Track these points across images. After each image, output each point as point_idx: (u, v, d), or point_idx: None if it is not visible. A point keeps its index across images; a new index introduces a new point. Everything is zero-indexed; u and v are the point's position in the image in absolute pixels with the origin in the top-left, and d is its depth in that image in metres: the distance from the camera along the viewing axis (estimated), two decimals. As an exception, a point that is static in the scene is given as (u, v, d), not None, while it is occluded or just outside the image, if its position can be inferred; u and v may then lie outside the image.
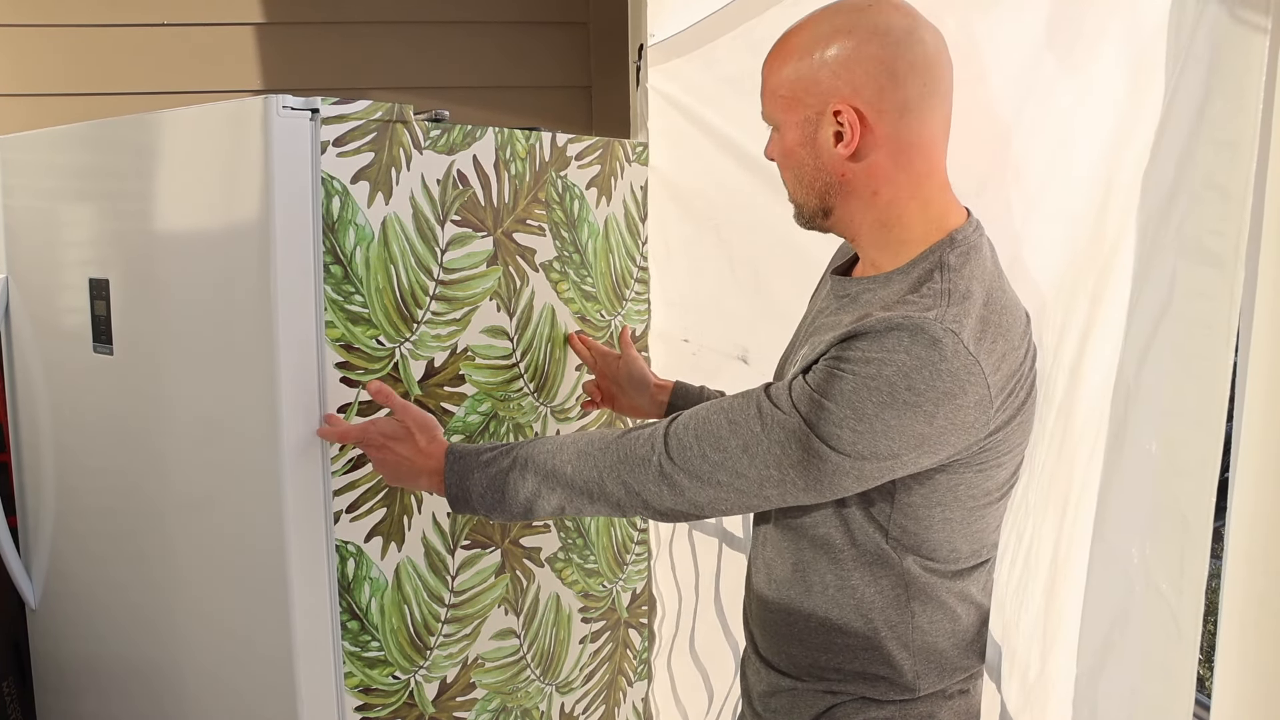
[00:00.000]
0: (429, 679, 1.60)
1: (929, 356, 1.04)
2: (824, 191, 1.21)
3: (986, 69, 1.29)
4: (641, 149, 1.95)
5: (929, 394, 1.05)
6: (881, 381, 1.05)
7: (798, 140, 1.19)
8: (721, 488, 1.15)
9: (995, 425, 1.10)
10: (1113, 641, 1.00)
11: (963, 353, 1.05)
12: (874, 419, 1.06)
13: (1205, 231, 0.86)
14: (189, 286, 1.49)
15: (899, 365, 1.05)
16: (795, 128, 1.19)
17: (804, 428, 1.09)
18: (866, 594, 1.20)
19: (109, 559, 1.77)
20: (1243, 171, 0.82)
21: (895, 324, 1.06)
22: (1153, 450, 0.93)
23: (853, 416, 1.06)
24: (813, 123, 1.18)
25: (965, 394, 1.06)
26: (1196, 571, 0.88)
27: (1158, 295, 0.92)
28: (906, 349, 1.05)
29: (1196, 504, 0.88)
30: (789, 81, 1.18)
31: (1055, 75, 1.21)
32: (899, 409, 1.05)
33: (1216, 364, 0.85)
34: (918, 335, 1.05)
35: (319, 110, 1.35)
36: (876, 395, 1.05)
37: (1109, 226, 1.10)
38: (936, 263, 1.15)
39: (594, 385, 1.79)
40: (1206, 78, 0.86)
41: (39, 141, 1.78)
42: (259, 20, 2.68)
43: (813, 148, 1.18)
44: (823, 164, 1.19)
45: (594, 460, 1.23)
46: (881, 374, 1.05)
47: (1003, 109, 1.29)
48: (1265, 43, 0.81)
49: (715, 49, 1.84)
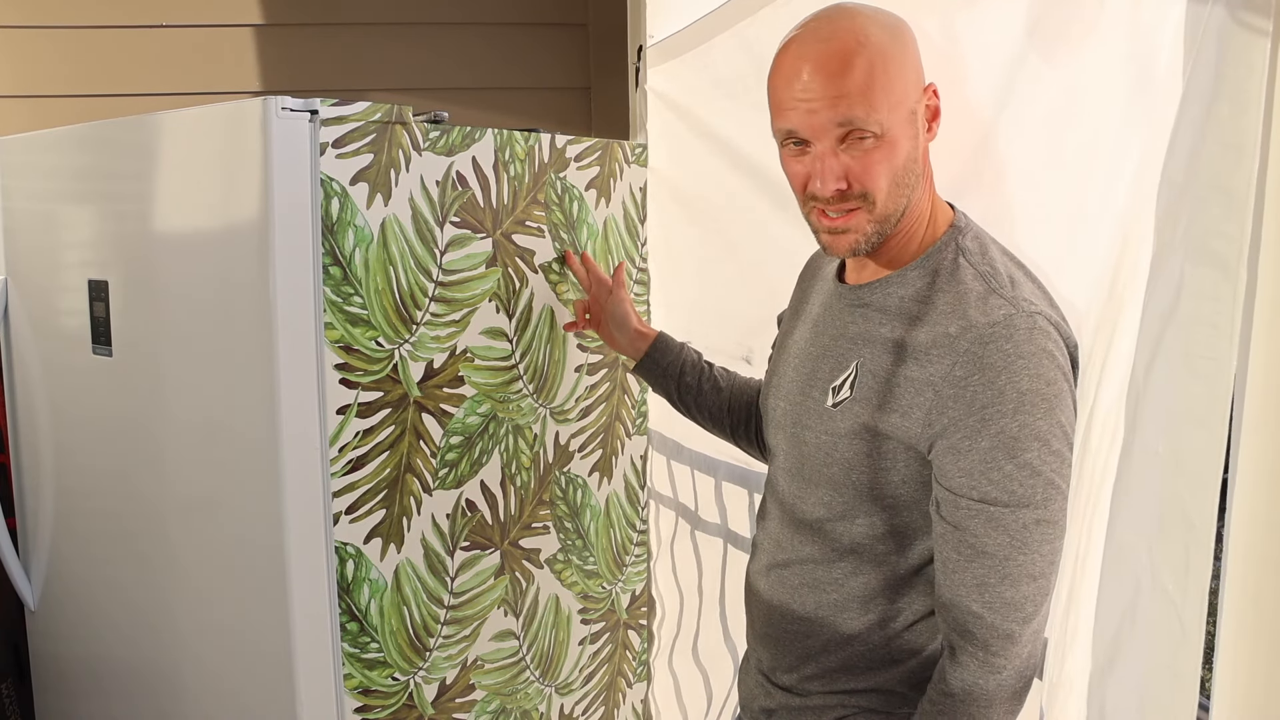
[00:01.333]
0: (428, 680, 1.60)
1: (1039, 346, 1.04)
2: (913, 188, 1.15)
3: (968, 68, 1.29)
4: (640, 150, 1.95)
5: (1056, 380, 1.05)
6: (1025, 398, 1.03)
7: (908, 135, 1.12)
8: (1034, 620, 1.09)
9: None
10: (1122, 640, 1.00)
11: (1051, 331, 1.06)
12: (1048, 435, 1.04)
13: (1211, 233, 0.86)
14: (188, 288, 1.49)
15: (1026, 372, 1.04)
16: (904, 125, 1.11)
17: (1025, 510, 1.05)
18: (884, 605, 1.19)
19: (108, 560, 1.76)
20: (1246, 173, 0.82)
21: (985, 338, 1.05)
22: (1160, 451, 0.93)
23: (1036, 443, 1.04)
24: (914, 114, 1.13)
25: (1063, 366, 1.06)
26: (1201, 572, 0.88)
27: (1166, 297, 0.93)
28: (1017, 354, 1.04)
29: (1200, 505, 0.88)
30: (896, 80, 1.10)
31: (1040, 73, 1.21)
32: (1054, 403, 1.04)
33: (1221, 365, 0.85)
34: (1016, 335, 1.04)
35: (318, 112, 1.35)
36: (1034, 411, 1.03)
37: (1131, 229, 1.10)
38: (955, 250, 1.14)
39: (584, 307, 1.76)
40: (1213, 80, 0.86)
41: (38, 143, 1.78)
42: (258, 21, 2.68)
43: (917, 141, 1.14)
44: (920, 154, 1.15)
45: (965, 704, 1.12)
46: (1020, 390, 1.03)
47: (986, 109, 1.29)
48: (1267, 45, 0.81)
49: (711, 49, 1.84)
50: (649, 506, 2.08)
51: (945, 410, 1.07)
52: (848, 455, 1.16)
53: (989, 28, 1.27)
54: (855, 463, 1.16)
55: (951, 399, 1.06)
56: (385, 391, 1.47)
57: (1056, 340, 1.06)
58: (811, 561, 1.24)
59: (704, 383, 1.60)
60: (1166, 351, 0.93)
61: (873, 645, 1.21)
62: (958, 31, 1.30)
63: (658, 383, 1.64)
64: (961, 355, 1.06)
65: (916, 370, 1.10)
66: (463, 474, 1.62)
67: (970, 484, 1.06)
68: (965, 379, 1.05)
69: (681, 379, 1.61)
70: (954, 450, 1.07)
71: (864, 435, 1.14)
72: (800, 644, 1.26)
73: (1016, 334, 1.04)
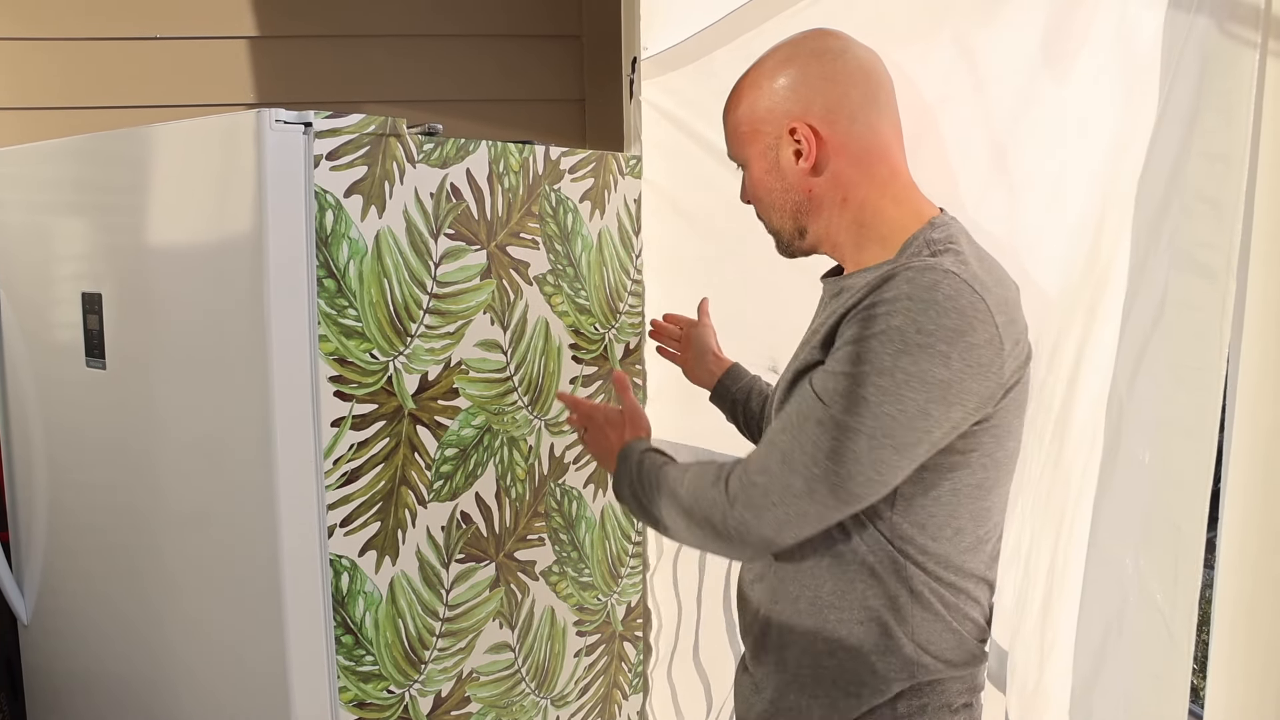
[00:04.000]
0: (424, 693, 1.59)
1: (933, 296, 1.05)
2: (796, 211, 1.27)
3: (983, 82, 1.30)
4: (635, 162, 1.95)
5: (939, 333, 1.04)
6: (893, 333, 1.05)
7: (764, 168, 1.27)
8: (777, 508, 1.13)
9: (1009, 376, 1.10)
10: (1107, 650, 1.00)
11: (966, 290, 1.06)
12: (893, 370, 1.05)
13: (1196, 244, 0.86)
14: (182, 300, 1.49)
15: (904, 311, 1.05)
16: (759, 158, 1.27)
17: (826, 407, 1.09)
18: (873, 604, 1.20)
19: (102, 574, 1.76)
20: (1234, 185, 0.83)
21: (891, 274, 1.08)
22: (1145, 460, 0.94)
23: (871, 373, 1.06)
24: (773, 148, 1.26)
25: (975, 331, 1.05)
26: (1190, 581, 0.88)
27: (1149, 307, 0.93)
28: (908, 295, 1.05)
29: (1190, 513, 0.88)
30: (746, 117, 1.27)
31: (1052, 89, 1.21)
32: (914, 353, 1.04)
33: (1209, 375, 0.86)
34: (915, 280, 1.06)
35: (312, 124, 1.35)
36: (889, 346, 1.05)
37: (1105, 238, 1.10)
38: (923, 242, 1.17)
39: (675, 344, 1.79)
40: (1196, 91, 0.86)
41: (31, 155, 1.77)
42: (252, 34, 2.68)
43: (778, 171, 1.26)
44: (790, 184, 1.26)
45: (695, 484, 1.22)
46: (890, 326, 1.05)
47: (999, 122, 1.30)
48: (1255, 57, 0.81)
49: (712, 61, 1.85)
50: (644, 517, 2.08)
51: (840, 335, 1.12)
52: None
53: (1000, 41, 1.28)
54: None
55: (846, 323, 1.12)
56: (380, 404, 1.47)
57: (966, 305, 1.06)
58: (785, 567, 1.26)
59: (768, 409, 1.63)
60: (1151, 362, 0.93)
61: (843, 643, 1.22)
62: (969, 43, 1.31)
63: (727, 409, 1.68)
64: (866, 292, 1.11)
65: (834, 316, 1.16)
66: (458, 486, 1.61)
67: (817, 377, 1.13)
68: (857, 306, 1.11)
69: (747, 405, 1.64)
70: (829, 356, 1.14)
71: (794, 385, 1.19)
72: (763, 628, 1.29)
73: (915, 278, 1.07)
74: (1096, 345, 1.08)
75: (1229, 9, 0.82)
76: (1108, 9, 1.11)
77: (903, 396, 1.05)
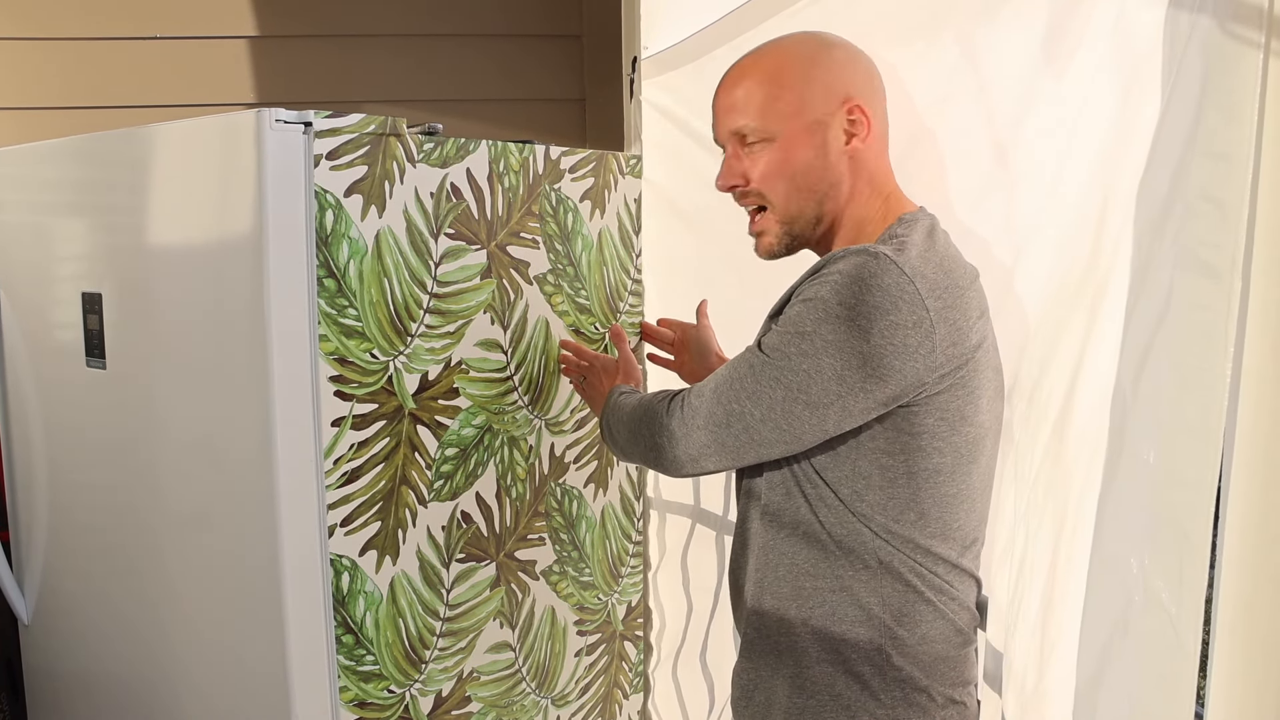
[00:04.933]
0: (424, 693, 1.59)
1: (860, 274, 1.11)
2: (824, 195, 1.26)
3: (985, 81, 1.30)
4: (635, 161, 1.95)
5: (860, 308, 1.10)
6: (818, 302, 1.13)
7: (805, 144, 1.24)
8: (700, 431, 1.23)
9: (944, 360, 1.13)
10: (1112, 651, 1.00)
11: (894, 271, 1.11)
12: (814, 335, 1.12)
13: (1201, 243, 0.86)
14: (182, 300, 1.49)
15: (834, 284, 1.12)
16: (801, 135, 1.24)
17: (759, 355, 1.18)
18: (845, 577, 1.21)
19: (102, 574, 1.76)
20: (1238, 184, 0.83)
21: (834, 257, 1.15)
22: (1150, 460, 0.93)
23: (796, 334, 1.14)
24: (822, 125, 1.24)
25: (899, 311, 1.10)
26: (1196, 581, 0.88)
27: (1154, 306, 0.93)
28: (840, 270, 1.13)
29: (1195, 514, 0.88)
30: (789, 92, 1.24)
31: (1052, 88, 1.21)
32: (834, 323, 1.11)
33: (1214, 374, 0.86)
34: (850, 258, 1.13)
35: (312, 124, 1.35)
36: (814, 313, 1.13)
37: (1106, 238, 1.10)
38: (884, 237, 1.22)
39: (668, 345, 1.82)
40: (1199, 91, 0.86)
41: (31, 155, 1.77)
42: (252, 34, 2.68)
43: (823, 150, 1.24)
44: (830, 163, 1.25)
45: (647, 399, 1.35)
46: (819, 295, 1.13)
47: (1001, 121, 1.29)
48: (1259, 57, 0.81)
49: (710, 61, 1.84)
50: (650, 517, 2.08)
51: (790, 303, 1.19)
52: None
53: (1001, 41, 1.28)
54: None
55: (795, 294, 1.19)
56: (380, 404, 1.47)
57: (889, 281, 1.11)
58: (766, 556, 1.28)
59: None
60: (1155, 361, 0.93)
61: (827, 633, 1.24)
62: (971, 44, 1.31)
63: None
64: (813, 270, 1.19)
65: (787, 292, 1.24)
66: (458, 486, 1.61)
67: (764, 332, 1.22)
68: (804, 280, 1.19)
69: None
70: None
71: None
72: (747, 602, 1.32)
73: (850, 257, 1.14)
74: (1099, 344, 1.08)
75: (1232, 9, 0.82)
76: (1106, 7, 1.11)
77: (819, 359, 1.13)
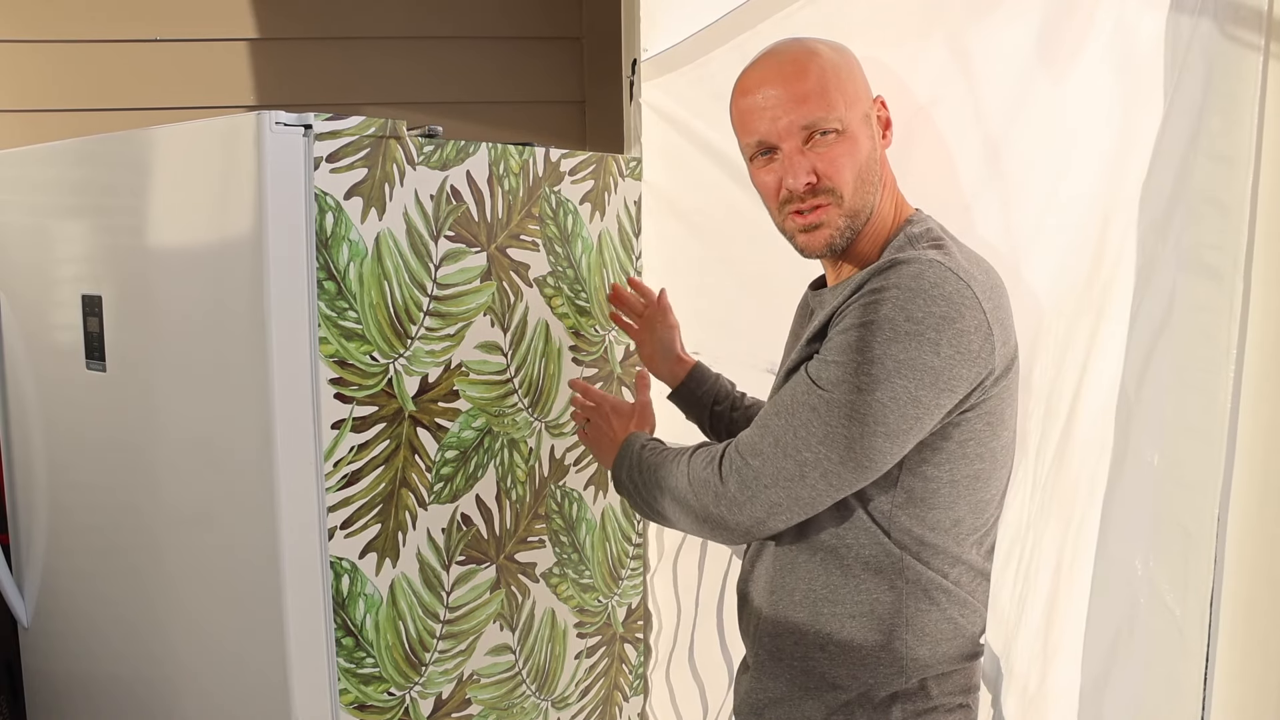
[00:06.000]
0: (424, 695, 1.59)
1: (919, 285, 1.07)
2: (877, 187, 1.23)
3: (978, 82, 1.30)
4: (635, 164, 1.95)
5: (928, 320, 1.06)
6: (881, 321, 1.07)
7: (865, 135, 1.21)
8: (769, 490, 1.14)
9: (999, 362, 1.11)
10: (1117, 653, 1.00)
11: (951, 278, 1.08)
12: (884, 358, 1.06)
13: (1203, 245, 0.86)
14: (182, 303, 1.49)
15: (893, 301, 1.07)
16: (861, 124, 1.21)
17: (820, 392, 1.10)
18: (868, 600, 1.20)
19: (102, 576, 1.76)
20: (1240, 186, 0.83)
21: (880, 269, 1.10)
22: (1154, 462, 0.94)
23: (863, 362, 1.07)
24: (868, 117, 1.22)
25: (963, 318, 1.07)
26: (1200, 583, 0.88)
27: (1157, 309, 0.93)
28: (895, 284, 1.07)
29: (1199, 516, 0.88)
30: (848, 83, 1.20)
31: (1047, 88, 1.21)
32: (904, 341, 1.06)
33: (1217, 376, 0.86)
34: (903, 270, 1.08)
35: (312, 126, 1.35)
36: (879, 335, 1.07)
37: (1110, 240, 1.10)
38: (904, 239, 1.20)
39: (636, 316, 1.79)
40: (1201, 94, 0.86)
41: (31, 157, 1.77)
42: (252, 36, 2.69)
43: (872, 142, 1.22)
44: (880, 156, 1.24)
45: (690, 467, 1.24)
46: (880, 315, 1.07)
47: (993, 122, 1.30)
48: (1259, 60, 0.81)
49: (709, 63, 1.85)
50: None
51: (833, 327, 1.14)
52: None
53: (995, 42, 1.28)
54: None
55: (837, 317, 1.14)
56: (380, 406, 1.47)
57: (952, 291, 1.08)
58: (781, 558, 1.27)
59: (734, 412, 1.65)
60: (1159, 363, 0.93)
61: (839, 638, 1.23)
62: (964, 45, 1.31)
63: (690, 410, 1.69)
64: (855, 286, 1.14)
65: (825, 314, 1.18)
66: (458, 488, 1.61)
67: (812, 363, 1.15)
68: (847, 300, 1.14)
69: (714, 408, 1.65)
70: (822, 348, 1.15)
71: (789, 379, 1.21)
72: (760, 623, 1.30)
73: (903, 269, 1.09)
74: (1104, 347, 1.08)
75: (1231, 12, 0.82)
76: (1107, 9, 1.11)
77: (893, 384, 1.07)
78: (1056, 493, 1.15)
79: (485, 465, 1.66)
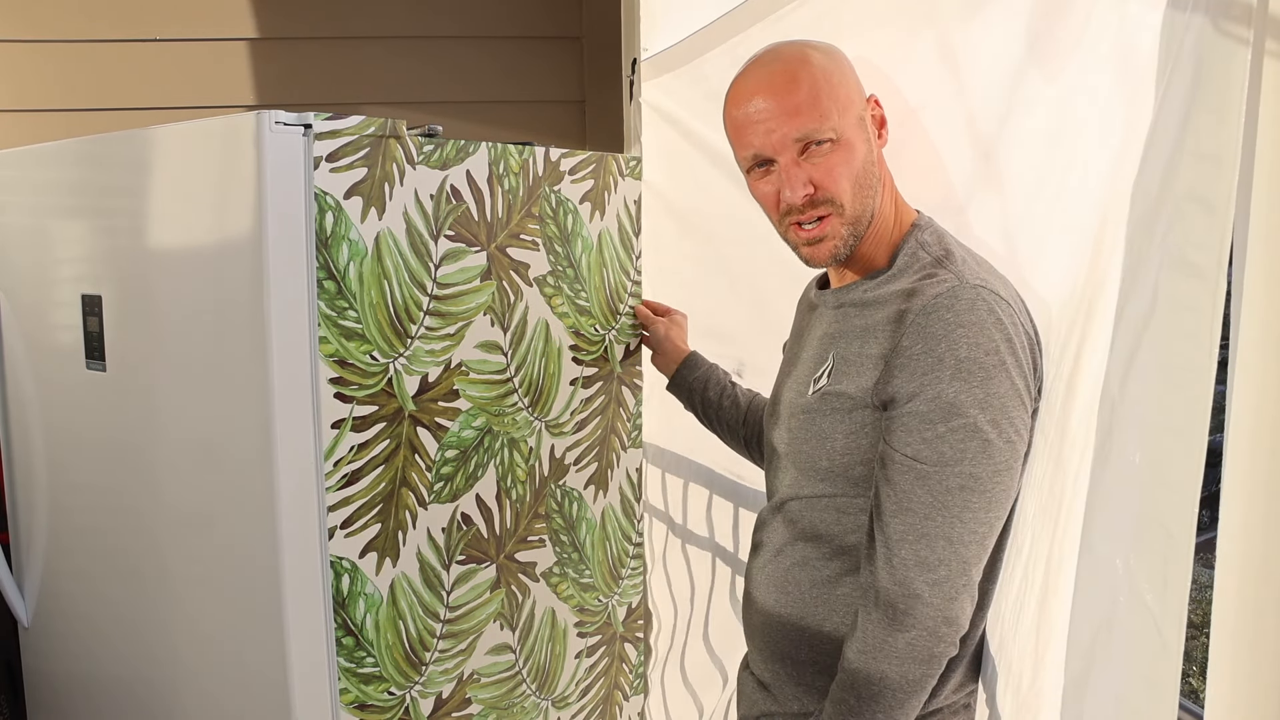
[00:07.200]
0: (424, 694, 1.59)
1: (977, 318, 1.08)
2: (876, 191, 1.22)
3: (971, 83, 1.30)
4: (635, 163, 1.95)
5: (998, 354, 1.08)
6: (967, 363, 1.07)
7: (860, 140, 1.20)
8: (967, 588, 1.10)
9: (1040, 370, 1.15)
10: (1098, 650, 1.00)
11: (996, 299, 1.10)
12: (985, 401, 1.07)
13: (1188, 244, 0.86)
14: (182, 302, 1.49)
15: (965, 340, 1.07)
16: (855, 129, 1.20)
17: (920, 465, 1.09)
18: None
19: (102, 576, 1.76)
20: (1226, 185, 0.83)
21: (929, 309, 1.09)
22: (1136, 461, 0.94)
23: (971, 407, 1.07)
24: (863, 119, 1.21)
25: (1019, 335, 1.10)
26: (1179, 581, 0.88)
27: (1141, 307, 0.93)
28: (957, 323, 1.08)
29: (1179, 514, 0.88)
30: (840, 89, 1.19)
31: (1042, 88, 1.21)
32: (991, 373, 1.07)
33: (1199, 375, 0.86)
34: (953, 305, 1.08)
35: (311, 126, 1.35)
36: (973, 377, 1.07)
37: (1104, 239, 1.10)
38: (916, 245, 1.20)
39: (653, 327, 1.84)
40: (1190, 90, 0.86)
41: (31, 157, 1.78)
42: (252, 36, 2.69)
43: (868, 144, 1.21)
44: (876, 158, 1.23)
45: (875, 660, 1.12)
46: (961, 358, 1.07)
47: (985, 122, 1.30)
48: (1247, 55, 0.81)
49: (705, 64, 1.85)
50: (644, 519, 2.08)
51: (893, 378, 1.11)
52: (830, 440, 1.20)
53: (986, 42, 1.28)
54: (836, 445, 1.20)
55: (899, 368, 1.11)
56: (380, 405, 1.47)
57: (1002, 314, 1.10)
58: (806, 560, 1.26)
59: (724, 399, 1.68)
60: (1143, 362, 0.93)
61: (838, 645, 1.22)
62: (955, 45, 1.31)
63: (685, 398, 1.73)
64: (909, 327, 1.11)
65: (874, 347, 1.15)
66: (458, 488, 1.61)
67: (905, 441, 1.10)
68: (910, 348, 1.10)
69: (705, 394, 1.69)
70: (897, 413, 1.11)
71: (837, 414, 1.19)
72: (777, 637, 1.28)
73: (958, 304, 1.08)
74: (1093, 346, 1.08)
75: (1223, 6, 0.82)
76: (1105, 8, 1.11)
77: (999, 422, 1.08)
78: (1052, 492, 1.15)
79: (485, 465, 1.66)
